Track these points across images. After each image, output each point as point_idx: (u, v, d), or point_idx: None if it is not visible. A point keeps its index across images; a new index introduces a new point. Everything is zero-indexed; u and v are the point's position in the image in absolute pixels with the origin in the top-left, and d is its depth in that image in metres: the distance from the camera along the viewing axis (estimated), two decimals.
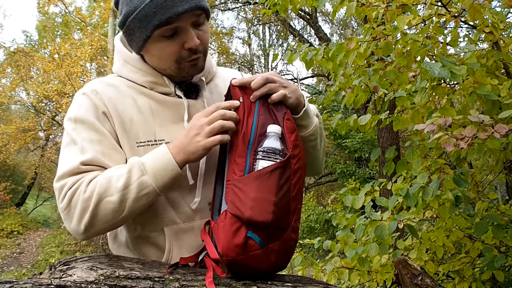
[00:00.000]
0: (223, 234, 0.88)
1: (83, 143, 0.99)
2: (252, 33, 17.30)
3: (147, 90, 1.06)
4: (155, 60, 1.04)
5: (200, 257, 0.93)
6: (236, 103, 0.97)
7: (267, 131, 0.93)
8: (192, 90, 1.09)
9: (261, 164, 0.89)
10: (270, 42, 17.32)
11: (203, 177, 1.05)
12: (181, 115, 1.05)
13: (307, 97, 1.15)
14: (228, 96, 1.02)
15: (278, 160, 0.89)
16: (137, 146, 1.02)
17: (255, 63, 17.38)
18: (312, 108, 1.13)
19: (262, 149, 0.90)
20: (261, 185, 0.86)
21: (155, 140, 1.02)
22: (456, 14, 2.06)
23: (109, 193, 0.93)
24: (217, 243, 0.90)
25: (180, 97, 1.06)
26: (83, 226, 0.94)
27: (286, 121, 0.95)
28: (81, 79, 12.95)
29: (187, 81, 1.09)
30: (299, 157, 0.93)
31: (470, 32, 3.16)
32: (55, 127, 15.35)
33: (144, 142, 1.02)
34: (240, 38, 19.39)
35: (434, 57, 2.15)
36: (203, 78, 1.11)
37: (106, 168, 0.98)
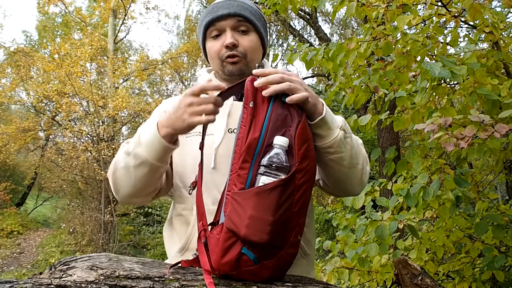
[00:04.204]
0: (217, 248, 0.87)
1: (138, 132, 1.19)
2: None
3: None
4: (210, 60, 1.25)
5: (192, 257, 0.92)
6: (221, 86, 0.99)
7: (273, 142, 0.87)
8: (238, 93, 1.18)
9: (262, 180, 0.85)
10: (270, 42, 17.32)
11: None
12: (225, 111, 1.18)
13: None
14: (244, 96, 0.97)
15: (280, 177, 0.85)
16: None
17: None
18: (338, 120, 1.05)
19: (264, 164, 0.86)
20: (259, 203, 0.84)
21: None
22: (456, 14, 2.06)
23: (120, 160, 1.10)
24: (210, 255, 0.89)
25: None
26: (114, 190, 1.14)
27: (299, 130, 0.90)
28: (81, 79, 12.93)
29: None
30: (307, 170, 0.89)
31: (470, 32, 3.16)
32: (55, 127, 15.32)
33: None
34: None
35: (434, 57, 2.15)
36: None
37: None
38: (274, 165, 0.85)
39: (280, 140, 0.87)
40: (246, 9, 1.20)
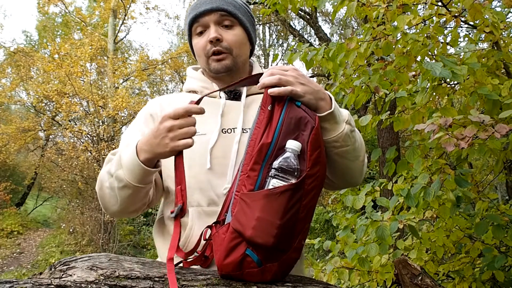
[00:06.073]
0: (221, 247, 0.87)
1: (123, 139, 1.20)
2: None
3: (197, 95, 1.21)
4: (197, 58, 1.24)
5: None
6: (202, 110, 0.98)
7: (286, 146, 0.87)
8: (231, 92, 1.21)
9: (272, 183, 0.86)
10: (270, 42, 17.30)
11: (234, 167, 1.07)
12: (218, 111, 1.16)
13: None
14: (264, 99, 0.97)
15: (290, 181, 0.85)
16: None
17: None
18: (344, 114, 1.06)
19: (275, 167, 0.86)
20: (267, 206, 0.84)
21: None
22: (456, 14, 2.06)
23: (104, 180, 1.09)
24: (214, 253, 0.90)
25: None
26: (102, 207, 1.14)
27: (313, 136, 0.90)
28: (81, 79, 12.93)
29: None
30: (317, 175, 0.89)
31: (470, 32, 3.15)
32: (55, 127, 15.32)
33: None
34: None
35: (434, 57, 2.15)
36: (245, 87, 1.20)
37: None
38: (285, 169, 0.85)
39: (292, 144, 0.87)
40: (230, 3, 1.19)
